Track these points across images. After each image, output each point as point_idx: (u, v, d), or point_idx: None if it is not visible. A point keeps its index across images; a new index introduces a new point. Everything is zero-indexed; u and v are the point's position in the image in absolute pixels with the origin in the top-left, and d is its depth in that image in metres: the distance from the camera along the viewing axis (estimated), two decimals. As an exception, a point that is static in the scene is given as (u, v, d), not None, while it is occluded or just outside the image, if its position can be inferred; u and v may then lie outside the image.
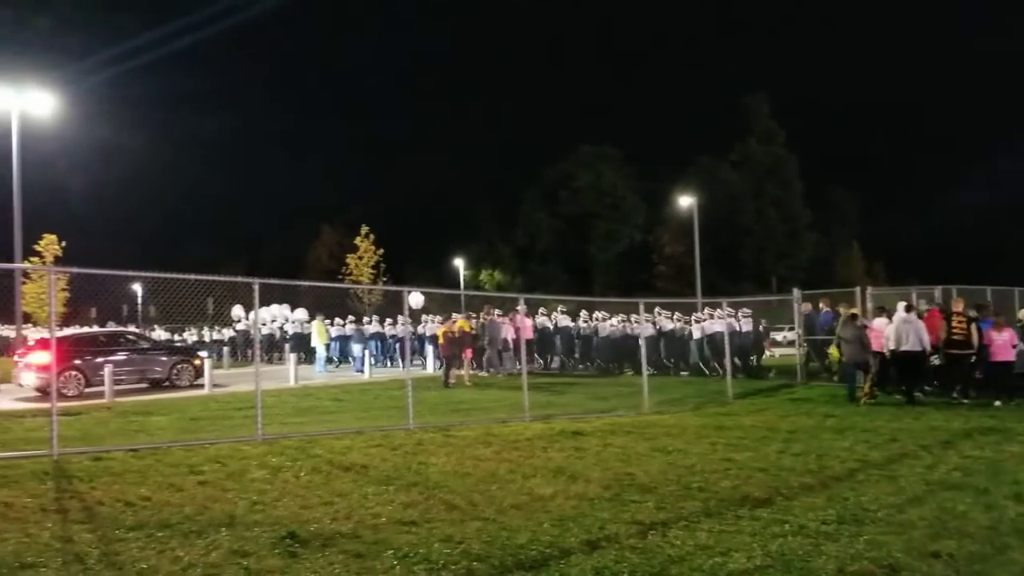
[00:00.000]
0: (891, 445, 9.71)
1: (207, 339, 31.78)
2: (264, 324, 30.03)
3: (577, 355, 24.17)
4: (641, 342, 16.24)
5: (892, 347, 14.23)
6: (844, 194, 75.04)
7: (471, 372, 19.99)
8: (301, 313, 29.97)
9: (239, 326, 31.72)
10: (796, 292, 19.64)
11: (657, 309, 22.90)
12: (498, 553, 5.43)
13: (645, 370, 15.45)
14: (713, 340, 20.76)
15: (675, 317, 22.39)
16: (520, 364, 15.35)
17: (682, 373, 21.63)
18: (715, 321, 20.82)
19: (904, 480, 7.63)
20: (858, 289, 18.44)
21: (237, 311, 31.94)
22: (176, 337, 32.24)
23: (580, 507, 6.72)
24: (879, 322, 15.27)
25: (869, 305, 17.53)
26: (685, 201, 48.33)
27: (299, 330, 29.17)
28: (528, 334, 20.59)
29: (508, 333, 21.87)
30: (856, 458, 8.89)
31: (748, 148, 70.42)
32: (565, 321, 24.30)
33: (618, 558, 5.33)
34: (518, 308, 17.32)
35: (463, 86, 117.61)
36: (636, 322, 23.12)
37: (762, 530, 5.96)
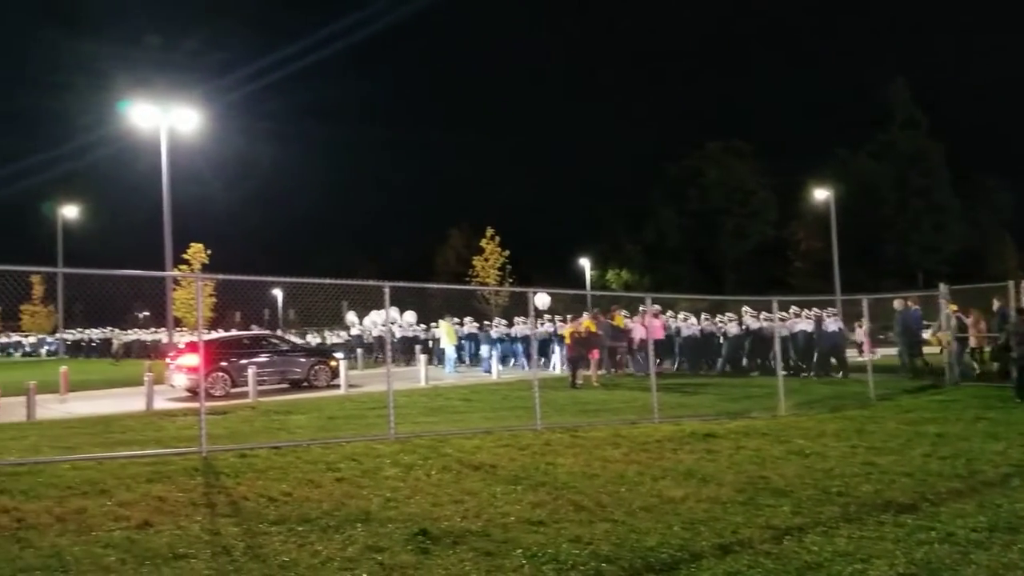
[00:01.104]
0: (1053, 450, 9.03)
1: (327, 342, 32.93)
2: (376, 327, 31.28)
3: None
4: (776, 342, 15.71)
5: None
6: (995, 182, 70.23)
7: (599, 373, 19.89)
8: (410, 316, 30.80)
9: (353, 331, 32.85)
10: (943, 288, 18.52)
11: (745, 308, 22.60)
12: (627, 555, 5.37)
13: (780, 371, 14.96)
14: (797, 340, 20.69)
15: (762, 316, 21.87)
16: (649, 365, 15.14)
17: (752, 374, 21.47)
18: (800, 320, 20.78)
19: (1068, 488, 7.09)
20: (1011, 283, 17.19)
21: (351, 317, 33.18)
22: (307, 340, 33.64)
23: (712, 510, 6.57)
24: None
25: (1024, 301, 16.32)
26: (821, 194, 46.53)
27: (407, 333, 30.13)
28: (658, 334, 20.33)
29: (638, 333, 21.69)
30: (1011, 463, 8.33)
31: (889, 136, 66.97)
32: (691, 321, 23.89)
33: (751, 563, 5.18)
34: (646, 308, 17.08)
35: (589, 85, 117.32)
36: (720, 321, 23.20)
37: (906, 537, 5.67)
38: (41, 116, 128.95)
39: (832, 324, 20.34)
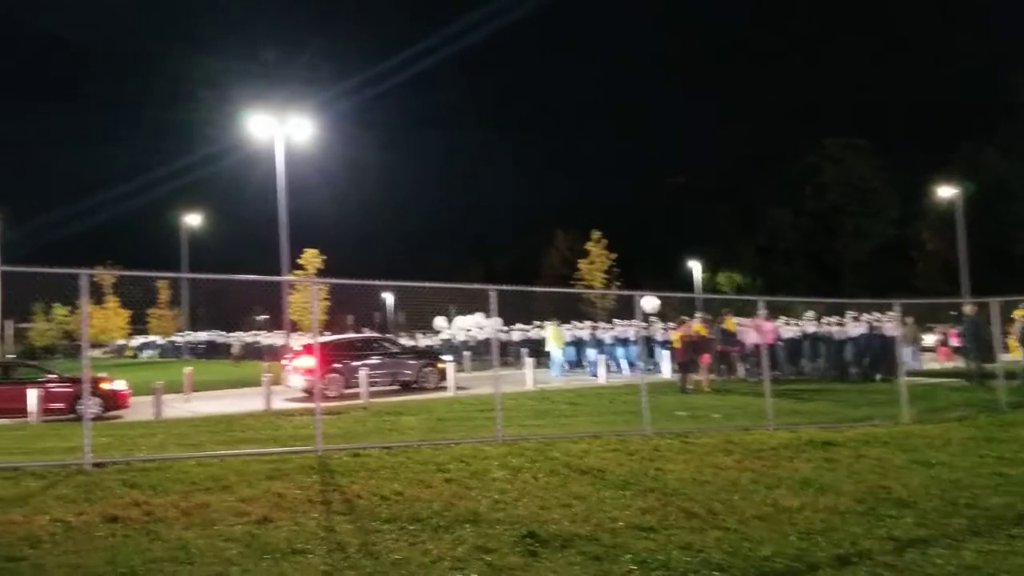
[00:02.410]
0: None
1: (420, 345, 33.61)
2: (467, 331, 31.92)
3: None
4: (897, 345, 15.05)
5: None
6: None
7: (709, 377, 19.50)
8: (496, 321, 31.02)
9: (443, 335, 33.35)
10: None
11: (808, 312, 22.67)
12: (740, 564, 5.24)
13: (903, 377, 14.31)
14: (857, 344, 21.05)
15: (822, 320, 22.33)
16: (763, 370, 14.74)
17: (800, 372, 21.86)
18: (858, 324, 21.03)
19: None
20: None
21: (440, 321, 33.70)
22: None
23: (829, 520, 6.34)
24: None
25: None
26: (946, 192, 44.37)
27: (490, 336, 30.18)
28: (771, 339, 19.82)
29: (750, 338, 21.19)
30: None
31: (1018, 130, 63.12)
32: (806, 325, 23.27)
33: (871, 575, 4.96)
34: (759, 311, 16.66)
35: (697, 84, 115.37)
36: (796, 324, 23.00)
37: (1039, 553, 5.32)
38: (167, 129, 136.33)
39: (890, 329, 20.22)
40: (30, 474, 7.85)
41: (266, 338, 42.24)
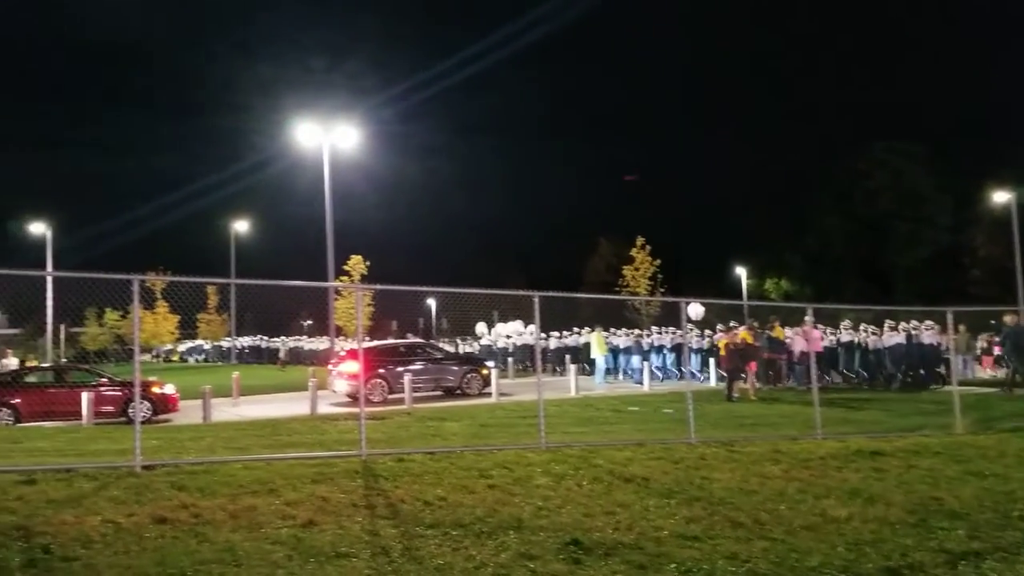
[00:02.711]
0: None
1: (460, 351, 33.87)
2: (507, 337, 32.48)
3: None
4: (952, 356, 14.71)
5: None
6: None
7: (756, 386, 19.25)
8: (532, 328, 31.12)
9: (483, 341, 33.48)
10: None
11: (844, 320, 22.62)
12: (786, 574, 5.17)
13: (956, 386, 13.98)
14: (894, 352, 21.01)
15: (861, 328, 22.33)
16: (811, 378, 14.51)
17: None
18: (895, 334, 20.97)
19: None
20: None
21: (480, 327, 33.88)
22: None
23: (879, 531, 6.22)
24: None
25: None
26: (1000, 197, 43.34)
27: (527, 342, 30.50)
28: (818, 347, 19.52)
29: (798, 345, 20.92)
30: None
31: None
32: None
33: (924, 589, 4.85)
34: (807, 318, 16.42)
35: (742, 90, 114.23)
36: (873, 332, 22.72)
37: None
38: (217, 137, 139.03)
39: (928, 337, 20.47)
40: (83, 476, 8.02)
41: (311, 343, 42.76)
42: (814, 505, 7.17)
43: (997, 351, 23.18)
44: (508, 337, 32.72)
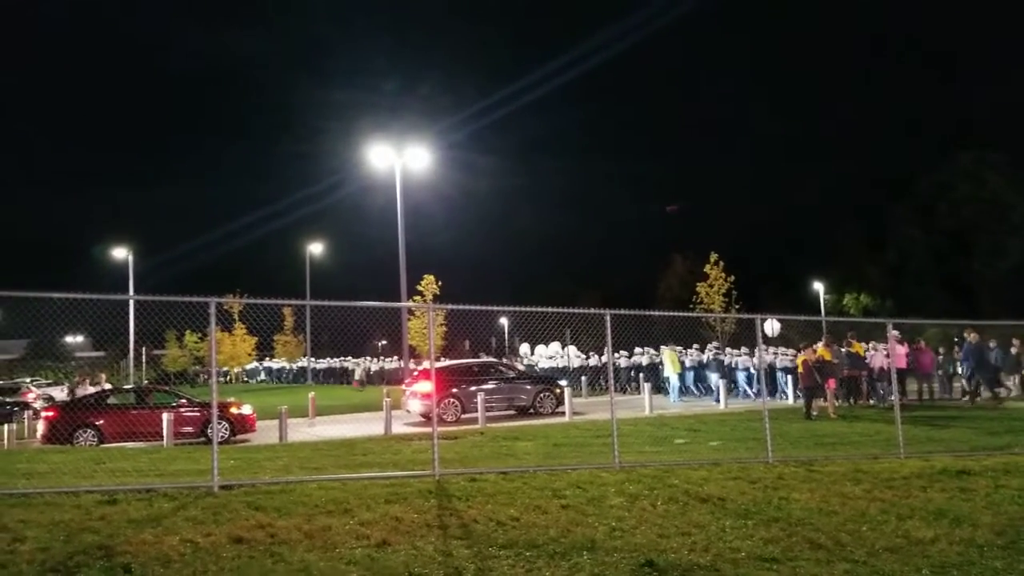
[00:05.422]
0: None
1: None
2: (550, 359, 33.16)
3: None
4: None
5: None
6: None
7: (836, 403, 18.71)
8: (572, 350, 32.72)
9: (527, 361, 33.52)
10: None
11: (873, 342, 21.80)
12: (872, 600, 4.96)
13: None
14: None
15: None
16: (893, 395, 14.04)
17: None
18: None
19: None
20: None
21: (523, 348, 33.97)
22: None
23: (966, 554, 5.97)
24: None
25: None
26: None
27: (556, 364, 31.21)
28: (902, 363, 18.92)
29: (878, 361, 20.31)
30: None
31: None
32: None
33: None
34: (893, 333, 15.91)
35: (815, 104, 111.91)
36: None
37: None
38: (292, 160, 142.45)
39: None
40: (162, 495, 8.23)
41: (386, 363, 43.29)
42: (897, 526, 6.93)
43: None
44: (550, 358, 33.07)
